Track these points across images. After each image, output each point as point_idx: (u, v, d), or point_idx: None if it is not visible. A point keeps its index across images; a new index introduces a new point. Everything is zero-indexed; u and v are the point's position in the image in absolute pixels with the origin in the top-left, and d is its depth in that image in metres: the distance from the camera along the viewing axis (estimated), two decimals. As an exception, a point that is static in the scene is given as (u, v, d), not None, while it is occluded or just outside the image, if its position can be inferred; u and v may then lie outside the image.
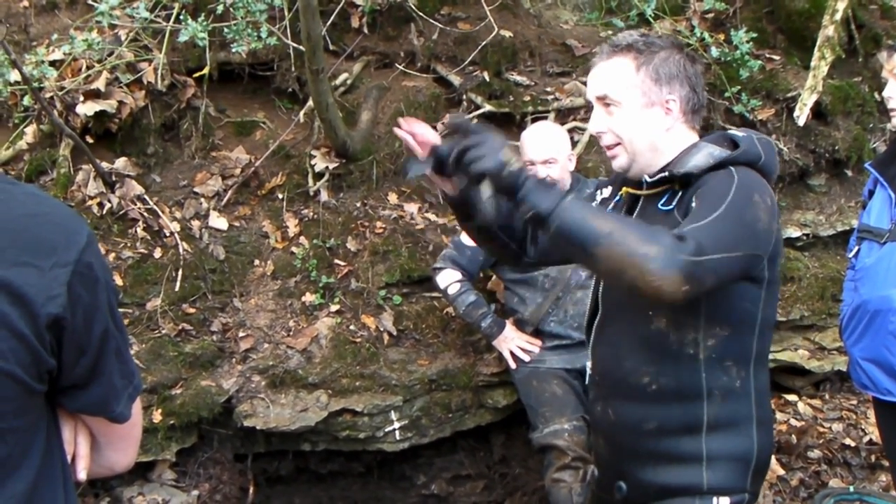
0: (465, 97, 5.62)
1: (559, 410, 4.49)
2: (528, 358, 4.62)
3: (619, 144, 2.56)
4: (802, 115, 5.41)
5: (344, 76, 5.64)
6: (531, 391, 4.63)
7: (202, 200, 5.18)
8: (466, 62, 5.67)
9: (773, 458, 4.89)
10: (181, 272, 4.87)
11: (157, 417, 4.46)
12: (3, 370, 1.47)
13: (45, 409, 1.61)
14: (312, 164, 5.30)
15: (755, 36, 5.65)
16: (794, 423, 5.27)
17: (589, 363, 2.75)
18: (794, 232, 5.59)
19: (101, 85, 4.96)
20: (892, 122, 3.68)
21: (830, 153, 5.66)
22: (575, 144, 5.27)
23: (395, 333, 4.95)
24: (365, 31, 5.76)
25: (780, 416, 5.31)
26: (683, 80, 2.54)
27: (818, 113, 5.63)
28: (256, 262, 5.11)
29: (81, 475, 1.75)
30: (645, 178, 2.54)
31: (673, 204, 2.46)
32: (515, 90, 5.71)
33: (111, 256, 4.82)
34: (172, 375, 4.59)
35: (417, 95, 5.56)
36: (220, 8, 5.11)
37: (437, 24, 5.67)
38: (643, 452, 2.57)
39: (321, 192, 5.29)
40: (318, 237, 5.13)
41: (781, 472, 5.00)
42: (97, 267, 1.58)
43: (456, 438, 5.23)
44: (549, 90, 5.72)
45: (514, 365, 4.65)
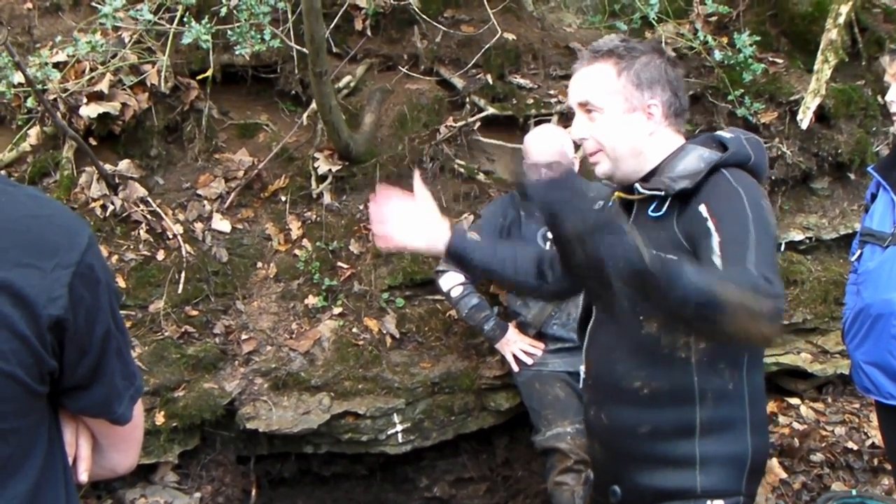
0: (468, 100, 5.62)
1: (562, 413, 4.48)
2: (530, 361, 4.62)
3: (600, 151, 2.56)
4: (805, 118, 5.41)
5: (347, 79, 5.64)
6: (534, 394, 4.63)
7: (205, 203, 5.18)
8: (469, 65, 5.67)
9: (775, 461, 4.92)
10: (184, 274, 4.87)
11: (159, 420, 4.46)
12: (4, 371, 1.47)
13: (46, 410, 1.62)
14: (315, 166, 5.30)
15: (758, 39, 5.65)
16: (796, 426, 5.27)
17: (582, 367, 2.75)
18: (796, 235, 5.58)
19: (104, 87, 4.96)
20: (894, 125, 3.67)
21: (833, 156, 5.65)
22: (577, 148, 5.27)
23: (397, 336, 4.95)
24: (368, 33, 5.75)
25: (782, 419, 5.30)
26: (665, 84, 2.54)
27: (821, 116, 5.62)
28: (259, 264, 5.11)
29: (83, 477, 1.75)
30: (637, 187, 2.52)
31: (663, 210, 2.45)
32: (518, 93, 5.71)
33: (114, 259, 4.82)
34: (175, 378, 4.60)
35: (420, 98, 5.55)
36: (223, 10, 5.12)
37: (440, 26, 5.67)
38: (637, 456, 2.56)
39: (324, 194, 5.29)
40: (320, 240, 5.13)
41: (784, 475, 4.99)
42: (98, 268, 1.58)
43: (458, 441, 5.23)
44: (552, 93, 5.72)
45: (516, 368, 4.66)
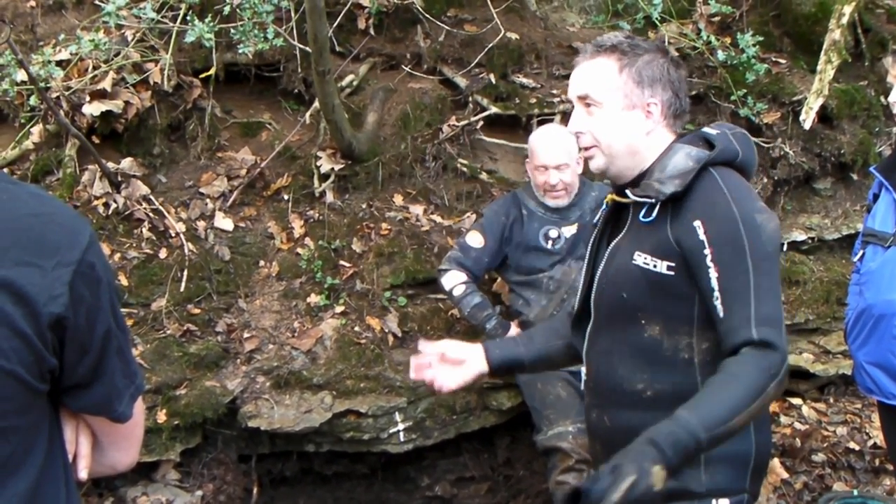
0: (470, 99, 5.62)
1: (563, 413, 4.48)
2: (532, 360, 4.61)
3: (595, 146, 2.55)
4: (808, 118, 5.40)
5: (350, 77, 5.64)
6: (536, 393, 4.63)
7: (208, 201, 5.18)
8: (473, 64, 5.67)
9: (777, 461, 4.91)
10: (186, 273, 4.88)
11: (161, 418, 4.46)
12: (5, 369, 1.47)
13: (47, 408, 1.62)
14: (318, 165, 5.31)
15: (761, 39, 5.65)
16: (798, 426, 5.26)
17: (583, 369, 2.75)
18: (799, 235, 5.59)
19: (107, 85, 4.97)
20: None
21: (836, 157, 5.65)
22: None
23: (399, 335, 4.95)
24: (371, 32, 5.76)
25: (784, 419, 5.30)
26: (666, 83, 2.54)
27: (824, 117, 5.62)
28: (261, 262, 5.11)
29: (82, 474, 1.75)
30: (628, 193, 2.53)
31: (654, 215, 2.45)
32: (521, 92, 5.71)
33: (116, 257, 4.82)
34: (177, 376, 4.60)
35: (423, 97, 5.56)
36: (226, 9, 5.13)
37: (443, 26, 5.67)
38: None
39: (327, 193, 5.29)
40: (323, 238, 5.13)
41: (785, 475, 4.99)
42: (99, 267, 1.58)
43: (460, 440, 5.23)
44: (554, 92, 5.72)
45: (518, 367, 4.65)
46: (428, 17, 5.66)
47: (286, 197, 5.31)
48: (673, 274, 2.41)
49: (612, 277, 2.57)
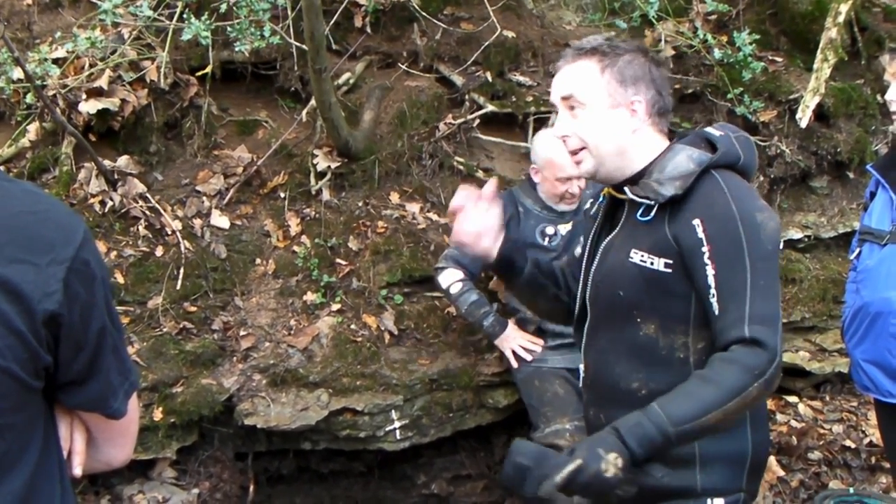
0: (467, 97, 5.62)
1: (561, 410, 4.49)
2: (530, 357, 4.62)
3: (584, 149, 2.55)
4: (805, 117, 5.41)
5: (347, 75, 5.64)
6: (533, 391, 4.63)
7: (204, 199, 5.18)
8: (469, 62, 5.66)
9: (773, 459, 4.92)
10: (183, 270, 4.88)
11: (157, 416, 4.46)
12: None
13: (42, 405, 1.62)
14: (314, 163, 5.30)
15: (758, 38, 5.64)
16: (794, 424, 5.27)
17: (581, 366, 2.75)
18: (795, 233, 5.59)
19: (103, 83, 4.96)
20: (894, 124, 3.67)
21: (832, 155, 5.65)
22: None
23: (396, 333, 4.95)
24: (368, 30, 5.75)
25: (780, 417, 5.30)
26: (649, 82, 2.54)
27: (820, 115, 5.63)
28: (258, 260, 5.11)
29: (76, 471, 1.75)
30: (627, 191, 2.53)
31: (651, 215, 2.46)
32: (518, 90, 5.70)
33: (113, 255, 4.82)
34: (173, 374, 4.60)
35: (420, 95, 5.55)
36: (223, 6, 5.12)
37: (440, 24, 5.67)
38: None
39: (323, 191, 5.29)
40: (319, 236, 5.13)
41: (781, 473, 5.00)
42: (94, 264, 1.58)
43: (457, 438, 5.23)
44: (551, 91, 5.71)
45: (515, 364, 4.66)
46: (424, 15, 5.65)
47: (282, 195, 5.30)
48: (670, 272, 2.41)
49: (607, 275, 2.58)
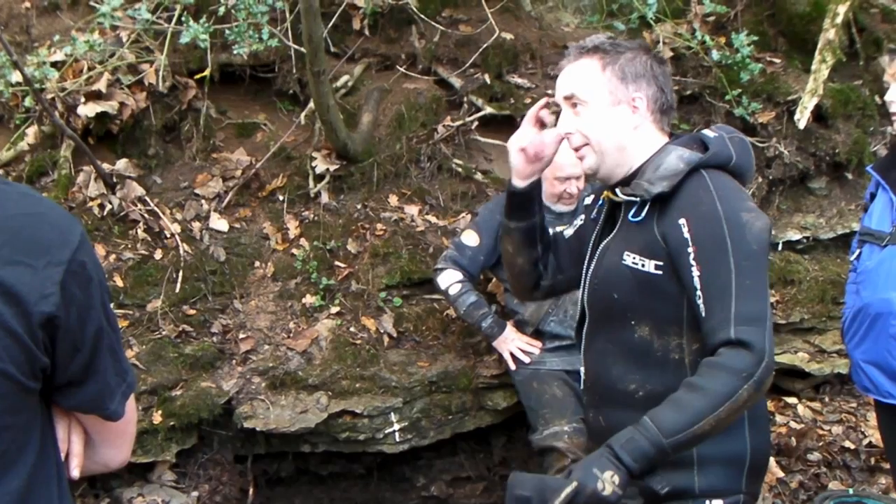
0: (465, 99, 5.62)
1: (559, 412, 4.49)
2: (528, 359, 4.62)
3: (586, 145, 2.57)
4: (803, 118, 5.41)
5: (345, 78, 5.64)
6: (531, 393, 4.63)
7: (203, 202, 5.18)
8: (467, 64, 5.67)
9: (772, 460, 4.92)
10: (182, 274, 4.88)
11: (157, 419, 4.46)
12: None
13: (39, 407, 1.62)
14: (313, 165, 5.31)
15: (756, 39, 5.65)
16: (793, 425, 5.27)
17: (582, 369, 2.76)
18: (794, 235, 5.59)
19: (102, 86, 4.97)
20: (893, 125, 3.67)
21: (831, 156, 5.65)
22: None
23: (395, 335, 4.95)
24: (366, 33, 5.76)
25: (779, 418, 5.30)
26: (650, 79, 2.56)
27: (819, 116, 5.63)
28: (257, 263, 5.11)
29: (74, 473, 1.75)
30: (618, 192, 2.54)
31: (643, 215, 2.48)
32: (516, 92, 5.71)
33: (112, 258, 4.82)
34: (173, 377, 4.60)
35: (418, 97, 5.56)
36: (221, 9, 5.12)
37: (438, 26, 5.67)
38: None
39: (322, 193, 5.29)
40: (318, 239, 5.13)
41: (781, 474, 5.00)
42: (90, 266, 1.58)
43: (456, 440, 5.23)
44: (549, 92, 5.67)
45: (513, 366, 4.66)
46: (423, 17, 5.66)
47: (281, 198, 5.31)
48: (661, 273, 2.42)
49: (602, 278, 2.59)
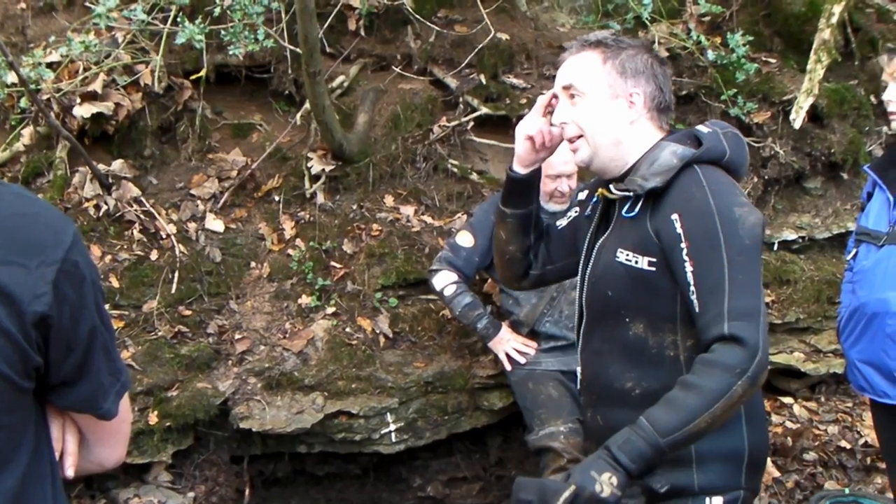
0: (461, 100, 5.62)
1: (555, 412, 4.49)
2: (523, 360, 4.62)
3: (581, 137, 2.58)
4: (798, 118, 5.41)
5: (341, 79, 5.64)
6: (527, 393, 4.63)
7: (198, 202, 5.18)
8: (463, 65, 5.67)
9: (768, 460, 4.91)
10: (177, 274, 4.87)
11: (153, 419, 4.46)
12: None
13: (33, 406, 1.62)
14: (309, 166, 5.30)
15: (751, 39, 5.66)
16: (789, 425, 5.27)
17: (578, 369, 2.76)
18: (789, 234, 5.60)
19: (97, 87, 4.96)
20: (891, 125, 3.67)
21: (826, 156, 5.66)
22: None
23: (391, 336, 4.95)
24: (362, 33, 5.76)
25: (775, 418, 5.31)
26: (650, 77, 2.57)
27: (814, 116, 5.63)
28: (252, 264, 5.11)
29: (69, 472, 1.75)
30: (611, 188, 2.56)
31: (636, 211, 2.49)
32: (512, 93, 5.71)
33: (107, 258, 4.82)
34: (168, 377, 4.60)
35: (414, 98, 5.56)
36: (217, 10, 5.12)
37: (433, 26, 5.67)
38: None
39: (317, 194, 5.29)
40: (314, 239, 5.13)
41: (777, 474, 5.00)
42: (83, 265, 1.59)
43: (452, 441, 5.23)
44: (545, 93, 5.71)
45: (509, 367, 4.66)
46: (418, 17, 5.65)
47: (277, 198, 5.30)
48: (654, 270, 2.43)
49: (599, 276, 2.60)
